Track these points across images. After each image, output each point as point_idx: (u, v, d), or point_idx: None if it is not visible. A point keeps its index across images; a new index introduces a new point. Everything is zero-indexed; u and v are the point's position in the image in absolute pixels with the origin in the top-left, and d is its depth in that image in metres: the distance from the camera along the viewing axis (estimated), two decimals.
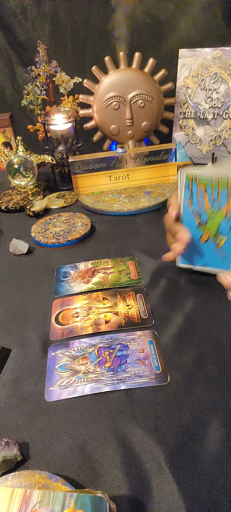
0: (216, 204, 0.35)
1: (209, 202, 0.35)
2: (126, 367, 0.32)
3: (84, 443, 0.26)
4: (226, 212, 0.35)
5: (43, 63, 0.72)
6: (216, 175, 0.34)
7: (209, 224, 0.36)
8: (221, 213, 0.35)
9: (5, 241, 0.53)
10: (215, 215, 0.35)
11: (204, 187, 0.35)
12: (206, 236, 0.37)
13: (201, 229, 0.37)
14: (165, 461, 0.25)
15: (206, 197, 0.35)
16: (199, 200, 0.36)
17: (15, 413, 0.29)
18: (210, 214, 0.36)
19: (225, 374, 0.30)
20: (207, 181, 0.35)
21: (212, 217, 0.35)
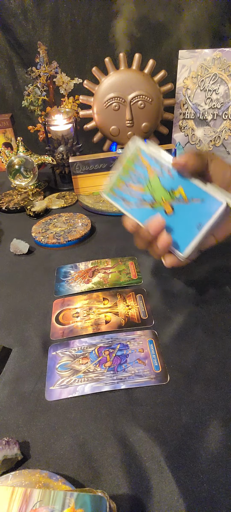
0: (143, 177, 0.31)
1: (138, 182, 0.31)
2: (126, 367, 0.32)
3: (84, 442, 0.26)
4: (152, 173, 0.30)
5: (44, 64, 0.72)
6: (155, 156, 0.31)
7: (156, 193, 0.30)
8: (152, 178, 0.30)
9: (6, 241, 0.53)
10: (151, 183, 0.31)
11: (149, 165, 0.31)
12: (167, 204, 0.30)
13: (155, 205, 0.31)
14: (164, 460, 0.25)
15: (132, 181, 0.31)
16: (130, 187, 0.31)
17: (15, 412, 0.29)
18: (147, 187, 0.31)
19: (225, 373, 0.30)
20: (151, 159, 0.31)
21: (151, 188, 0.30)
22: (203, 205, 0.28)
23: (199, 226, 0.28)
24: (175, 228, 0.30)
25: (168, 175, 0.30)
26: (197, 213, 0.28)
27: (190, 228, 0.29)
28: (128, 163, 0.30)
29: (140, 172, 0.29)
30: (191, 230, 0.28)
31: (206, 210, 0.28)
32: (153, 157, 0.30)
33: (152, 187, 0.30)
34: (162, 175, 0.30)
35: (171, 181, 0.29)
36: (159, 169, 0.30)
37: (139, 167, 0.29)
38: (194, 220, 0.29)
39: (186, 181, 0.29)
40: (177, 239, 0.30)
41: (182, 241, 0.29)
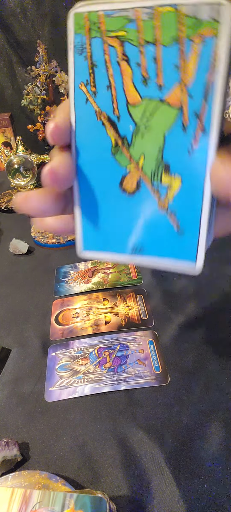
0: (152, 86, 0.13)
1: (135, 82, 0.13)
2: (126, 368, 0.32)
3: (84, 444, 0.26)
4: (180, 105, 0.13)
5: (43, 63, 0.72)
6: (147, 4, 0.12)
7: (139, 142, 0.14)
8: (165, 110, 0.13)
9: (5, 241, 0.53)
10: (153, 118, 0.13)
11: (121, 45, 0.13)
12: (135, 175, 0.14)
13: (120, 159, 0.14)
14: (165, 462, 0.25)
15: (127, 68, 0.13)
16: (112, 80, 0.14)
17: (15, 413, 0.29)
18: (139, 115, 0.14)
19: (225, 374, 0.30)
20: (127, 25, 0.13)
21: (144, 123, 0.13)
22: (177, 243, 0.15)
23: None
24: (99, 209, 0.15)
25: (189, 140, 0.13)
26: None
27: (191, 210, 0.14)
28: (148, 28, 0.13)
29: (162, 70, 0.13)
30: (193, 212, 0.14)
31: (177, 256, 0.15)
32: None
33: (149, 124, 0.13)
34: (185, 127, 0.13)
35: (182, 154, 0.13)
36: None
37: (169, 65, 0.13)
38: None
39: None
40: (99, 230, 0.15)
41: (103, 238, 0.16)
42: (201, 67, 0.12)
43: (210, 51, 0.12)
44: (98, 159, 0.14)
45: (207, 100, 0.12)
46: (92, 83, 0.14)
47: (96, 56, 0.13)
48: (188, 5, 0.12)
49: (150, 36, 0.13)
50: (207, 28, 0.12)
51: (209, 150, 0.13)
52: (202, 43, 0.12)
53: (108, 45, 0.13)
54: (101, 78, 0.14)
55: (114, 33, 0.13)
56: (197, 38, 0.12)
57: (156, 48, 0.13)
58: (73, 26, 0.14)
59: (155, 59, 0.13)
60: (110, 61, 0.13)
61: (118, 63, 0.13)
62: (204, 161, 0.13)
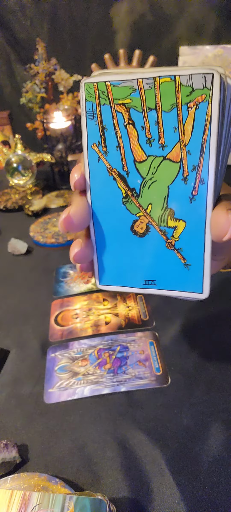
0: (156, 146, 0.15)
1: (140, 144, 0.15)
2: (126, 369, 0.31)
3: (83, 446, 0.26)
4: (180, 160, 0.15)
5: (42, 61, 0.71)
6: (148, 76, 0.14)
7: (147, 193, 0.16)
8: (168, 165, 0.15)
9: (4, 241, 0.53)
10: (158, 172, 0.16)
11: (127, 112, 0.15)
12: (144, 221, 0.16)
13: (130, 208, 0.16)
14: (165, 464, 0.25)
15: (133, 132, 0.15)
16: (120, 141, 0.16)
17: (14, 415, 0.29)
18: (145, 170, 0.16)
19: (226, 375, 0.30)
20: (131, 94, 0.15)
21: (150, 177, 0.16)
22: (184, 277, 0.17)
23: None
24: (114, 250, 0.17)
25: (190, 189, 0.15)
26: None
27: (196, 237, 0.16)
28: (150, 97, 0.15)
29: (163, 131, 0.15)
30: (197, 239, 0.16)
31: (184, 289, 0.17)
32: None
33: (154, 177, 0.16)
34: (185, 179, 0.15)
35: (184, 200, 0.15)
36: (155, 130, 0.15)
37: (169, 126, 0.15)
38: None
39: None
40: (114, 267, 0.18)
41: (118, 274, 0.18)
42: (197, 128, 0.14)
43: (204, 114, 0.14)
44: (111, 208, 0.17)
45: (204, 156, 0.15)
46: (103, 144, 0.16)
47: (106, 121, 0.16)
48: (183, 76, 0.14)
49: (152, 103, 0.15)
50: (200, 94, 0.14)
51: (207, 197, 0.15)
52: (197, 108, 0.14)
53: (116, 111, 0.16)
54: (111, 139, 0.16)
55: (121, 101, 0.15)
56: (192, 104, 0.14)
57: (157, 113, 0.15)
58: (85, 95, 0.16)
59: (157, 123, 0.15)
60: (119, 125, 0.16)
61: (125, 126, 0.16)
62: (204, 206, 0.15)
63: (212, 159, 0.15)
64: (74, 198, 0.17)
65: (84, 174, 0.17)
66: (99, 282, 0.18)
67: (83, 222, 0.17)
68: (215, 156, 0.14)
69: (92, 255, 0.18)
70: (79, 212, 0.16)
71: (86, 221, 0.17)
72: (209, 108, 0.14)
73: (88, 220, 0.17)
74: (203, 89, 0.14)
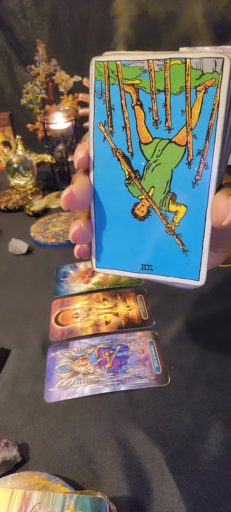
0: (162, 128, 0.15)
1: (147, 124, 0.15)
2: (126, 368, 0.32)
3: (84, 445, 0.26)
4: (185, 144, 0.15)
5: (43, 62, 0.72)
6: (159, 57, 0.14)
7: (150, 176, 0.16)
8: (173, 148, 0.15)
9: (5, 241, 0.53)
10: (162, 155, 0.15)
11: (135, 92, 0.15)
12: (145, 204, 0.16)
13: (133, 190, 0.16)
14: (165, 463, 0.25)
15: (141, 112, 0.15)
16: (127, 122, 0.16)
17: (14, 414, 0.29)
18: (150, 152, 0.16)
19: (226, 375, 0.30)
20: (141, 75, 0.15)
21: (155, 159, 0.16)
22: (182, 263, 0.17)
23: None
24: (113, 232, 0.17)
25: (193, 174, 0.15)
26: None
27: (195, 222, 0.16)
28: (160, 79, 0.15)
29: (170, 114, 0.15)
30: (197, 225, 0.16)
31: (182, 275, 0.17)
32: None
33: (159, 159, 0.16)
34: (189, 163, 0.15)
35: (187, 186, 0.15)
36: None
37: (177, 110, 0.15)
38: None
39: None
40: (112, 249, 0.18)
41: (116, 257, 0.18)
42: (204, 112, 0.14)
43: (212, 98, 0.14)
44: (113, 189, 0.17)
45: (209, 141, 0.15)
46: (109, 123, 0.16)
47: (114, 101, 0.16)
48: (194, 59, 0.14)
49: (161, 85, 0.15)
50: (210, 78, 0.14)
51: (210, 183, 0.15)
52: (205, 92, 0.14)
53: (124, 91, 0.15)
54: (117, 119, 0.16)
55: (130, 81, 0.15)
56: (201, 88, 0.14)
57: (166, 96, 0.15)
58: (94, 73, 0.16)
59: (165, 105, 0.15)
60: (126, 105, 0.16)
61: (133, 107, 0.15)
62: (206, 192, 0.15)
63: (218, 144, 0.14)
64: (78, 176, 0.17)
65: (89, 153, 0.16)
66: (96, 264, 0.18)
67: (85, 200, 0.16)
68: (221, 141, 0.14)
69: (91, 237, 0.18)
70: (81, 190, 0.16)
71: (88, 200, 0.17)
72: (217, 93, 0.14)
73: (89, 199, 0.17)
74: (212, 73, 0.14)
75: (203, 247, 0.16)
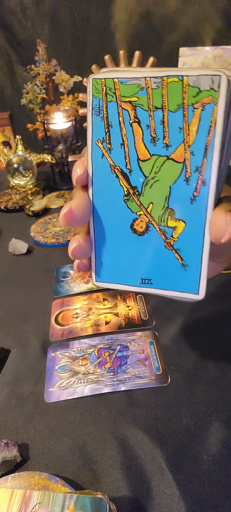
0: (160, 145, 0.15)
1: (145, 143, 0.15)
2: (126, 368, 0.32)
3: (84, 444, 0.26)
4: (183, 161, 0.15)
5: (43, 62, 0.72)
6: (156, 75, 0.15)
7: (148, 192, 0.16)
8: (171, 165, 0.15)
9: (5, 241, 0.53)
10: (160, 172, 0.16)
11: (133, 110, 0.15)
12: (144, 220, 0.16)
13: (131, 206, 0.16)
14: (165, 463, 0.25)
15: (138, 129, 0.15)
16: (125, 141, 0.16)
17: (14, 414, 0.29)
18: (148, 169, 0.16)
19: (226, 375, 0.30)
20: (138, 92, 0.15)
21: (153, 176, 0.16)
22: (181, 278, 0.17)
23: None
24: (112, 248, 0.17)
25: (191, 190, 0.15)
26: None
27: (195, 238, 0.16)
28: (157, 96, 0.15)
29: (168, 131, 0.15)
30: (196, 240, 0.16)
31: (181, 289, 0.17)
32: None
33: (157, 176, 0.16)
34: (188, 180, 0.15)
35: (185, 202, 0.16)
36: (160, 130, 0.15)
37: (175, 127, 0.15)
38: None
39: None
40: (112, 264, 0.18)
41: (116, 271, 0.18)
42: (202, 129, 0.14)
43: (209, 116, 0.14)
44: (112, 205, 0.17)
45: (207, 157, 0.15)
46: (108, 140, 0.16)
47: (112, 118, 0.16)
48: (191, 76, 0.14)
49: (158, 102, 0.15)
50: (207, 96, 0.14)
51: (208, 199, 0.15)
52: (203, 109, 0.14)
53: (122, 108, 0.15)
54: (115, 136, 0.16)
55: (128, 99, 0.15)
56: (198, 105, 0.14)
57: (163, 113, 0.15)
58: (92, 90, 0.16)
59: (163, 122, 0.15)
60: (124, 123, 0.16)
61: (131, 124, 0.16)
62: (204, 208, 0.15)
63: (215, 161, 0.15)
64: (76, 192, 0.17)
65: (87, 170, 0.17)
66: (96, 278, 0.18)
67: (84, 217, 0.17)
68: (219, 158, 0.15)
69: (91, 252, 0.18)
70: (80, 207, 0.16)
71: (87, 216, 0.17)
72: (215, 110, 0.14)
73: (89, 215, 0.17)
74: (209, 91, 0.14)
75: (202, 262, 0.16)
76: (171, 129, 0.15)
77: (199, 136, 0.15)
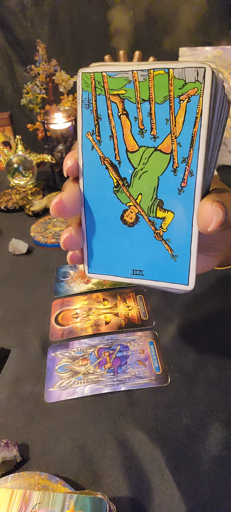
0: (148, 137, 0.16)
1: (133, 134, 0.16)
2: (126, 368, 0.32)
3: (84, 445, 0.26)
4: (171, 152, 0.15)
5: (43, 62, 0.72)
6: (143, 68, 0.15)
7: (137, 183, 0.16)
8: (159, 156, 0.16)
9: (5, 241, 0.53)
10: (149, 163, 0.16)
11: (121, 102, 0.16)
12: (133, 211, 0.17)
13: (121, 197, 0.17)
14: (165, 463, 0.25)
15: (127, 121, 0.16)
16: (114, 131, 0.16)
17: (14, 414, 0.29)
18: (137, 160, 0.16)
19: (226, 375, 0.30)
20: (126, 85, 0.15)
21: (141, 167, 0.16)
22: (171, 268, 0.17)
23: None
24: (103, 239, 0.18)
25: (179, 180, 0.16)
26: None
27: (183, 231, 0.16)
28: (144, 89, 0.15)
29: (155, 122, 0.15)
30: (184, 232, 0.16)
31: (171, 280, 0.17)
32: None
33: (145, 167, 0.16)
34: (175, 171, 0.15)
35: (173, 192, 0.16)
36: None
37: (162, 118, 0.15)
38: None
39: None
40: (103, 256, 0.18)
41: (107, 263, 0.18)
42: (188, 121, 0.15)
43: (195, 107, 0.14)
44: (102, 196, 0.17)
45: (194, 148, 0.15)
46: (97, 133, 0.16)
47: (101, 110, 0.16)
48: (176, 69, 0.14)
49: (145, 94, 0.15)
50: (192, 88, 0.14)
51: (196, 189, 0.15)
52: (188, 101, 0.14)
53: (110, 101, 0.16)
54: (105, 129, 0.16)
55: (116, 91, 0.16)
56: (184, 97, 0.14)
57: (151, 105, 0.15)
58: (81, 84, 0.16)
59: (150, 114, 0.15)
60: (113, 115, 0.16)
61: (119, 116, 0.16)
62: (192, 198, 0.15)
63: (202, 152, 0.15)
64: (67, 184, 0.17)
65: (78, 162, 0.17)
66: (88, 270, 0.19)
67: (75, 208, 0.17)
68: (205, 149, 0.15)
69: (83, 243, 0.18)
70: (71, 198, 0.17)
71: (78, 208, 0.17)
72: (200, 102, 0.14)
73: (79, 206, 0.17)
74: (195, 83, 0.14)
75: (191, 253, 0.16)
76: (158, 121, 0.15)
77: (186, 127, 0.15)
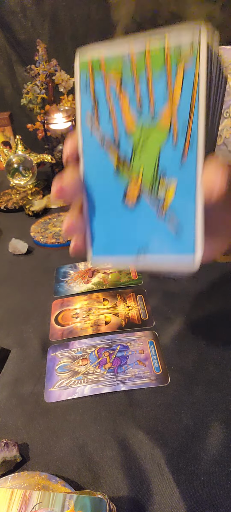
0: (146, 111, 0.15)
1: (131, 111, 0.15)
2: (126, 368, 0.32)
3: (84, 445, 0.26)
4: (170, 123, 0.15)
5: (43, 62, 0.72)
6: (140, 41, 0.15)
7: (138, 163, 0.16)
8: (158, 132, 0.15)
9: (5, 241, 0.53)
10: (148, 140, 0.15)
11: (119, 79, 0.15)
12: (136, 189, 0.16)
13: (122, 178, 0.16)
14: (165, 463, 0.25)
15: (125, 99, 0.15)
16: (112, 111, 0.16)
17: (14, 414, 0.29)
18: (136, 136, 0.16)
19: (226, 375, 0.30)
20: (123, 63, 0.15)
21: (141, 143, 0.16)
22: (175, 240, 0.16)
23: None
24: (106, 223, 0.17)
25: (179, 151, 0.15)
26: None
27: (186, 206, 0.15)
28: (140, 63, 0.15)
29: (153, 96, 0.15)
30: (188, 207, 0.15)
31: (176, 251, 0.16)
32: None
33: (145, 142, 0.15)
34: (175, 141, 0.15)
35: (175, 162, 0.15)
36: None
37: (160, 91, 0.15)
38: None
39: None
40: (107, 239, 0.17)
41: (111, 245, 0.17)
42: (185, 91, 0.14)
43: (192, 77, 0.14)
44: (103, 179, 0.17)
45: (193, 119, 0.15)
46: (96, 115, 0.16)
47: (99, 93, 0.16)
48: (172, 34, 0.14)
49: (142, 71, 0.15)
50: (189, 51, 0.14)
51: (197, 161, 0.15)
52: (185, 72, 0.14)
53: (108, 82, 0.16)
54: (103, 111, 0.16)
55: (113, 72, 0.15)
56: (181, 65, 0.14)
57: (148, 81, 0.15)
58: (79, 67, 0.16)
59: (148, 92, 0.15)
60: (110, 96, 0.16)
61: (117, 97, 0.16)
62: (194, 171, 0.15)
63: (201, 122, 0.14)
64: (68, 169, 0.17)
65: (78, 146, 0.17)
66: (93, 254, 0.18)
67: (75, 192, 0.17)
68: (204, 118, 0.14)
69: (84, 229, 0.18)
70: (71, 182, 0.16)
71: (78, 192, 0.17)
72: (196, 71, 0.14)
73: (80, 191, 0.17)
74: (191, 45, 0.14)
75: (196, 225, 0.16)
76: (156, 96, 0.15)
77: (183, 99, 0.14)
